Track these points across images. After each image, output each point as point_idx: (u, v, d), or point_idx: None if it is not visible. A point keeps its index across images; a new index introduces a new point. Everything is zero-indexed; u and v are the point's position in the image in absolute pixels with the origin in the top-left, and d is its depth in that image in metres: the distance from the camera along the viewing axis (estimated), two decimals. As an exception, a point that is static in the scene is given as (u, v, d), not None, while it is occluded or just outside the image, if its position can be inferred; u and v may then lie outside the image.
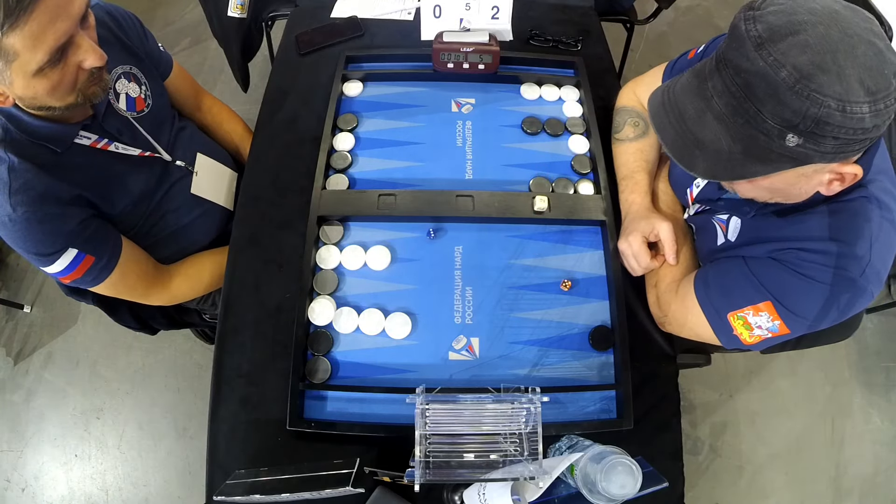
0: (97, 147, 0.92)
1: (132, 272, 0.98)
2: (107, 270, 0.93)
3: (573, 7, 1.41)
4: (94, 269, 0.91)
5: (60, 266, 0.88)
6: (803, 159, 0.61)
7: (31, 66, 0.73)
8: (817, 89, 0.55)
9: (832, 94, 0.55)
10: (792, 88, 0.56)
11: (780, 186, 0.69)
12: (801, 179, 0.66)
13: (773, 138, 0.59)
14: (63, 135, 0.87)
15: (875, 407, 1.81)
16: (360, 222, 1.03)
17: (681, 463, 0.87)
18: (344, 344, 0.93)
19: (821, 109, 0.56)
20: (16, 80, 0.75)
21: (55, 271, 0.89)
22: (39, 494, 1.63)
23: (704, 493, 1.65)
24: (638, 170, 1.02)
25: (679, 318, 0.88)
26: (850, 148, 0.59)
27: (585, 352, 0.93)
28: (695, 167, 0.66)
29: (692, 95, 0.65)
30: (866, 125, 0.57)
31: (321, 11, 1.36)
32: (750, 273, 0.78)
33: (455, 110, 1.18)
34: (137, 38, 1.04)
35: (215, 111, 1.28)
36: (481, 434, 0.71)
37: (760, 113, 0.58)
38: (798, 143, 0.58)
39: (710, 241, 0.90)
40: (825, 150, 0.59)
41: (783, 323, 0.76)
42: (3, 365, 1.82)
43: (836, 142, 0.58)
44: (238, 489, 0.76)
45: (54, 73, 0.76)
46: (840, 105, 0.55)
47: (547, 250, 1.01)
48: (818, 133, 0.57)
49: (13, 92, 0.77)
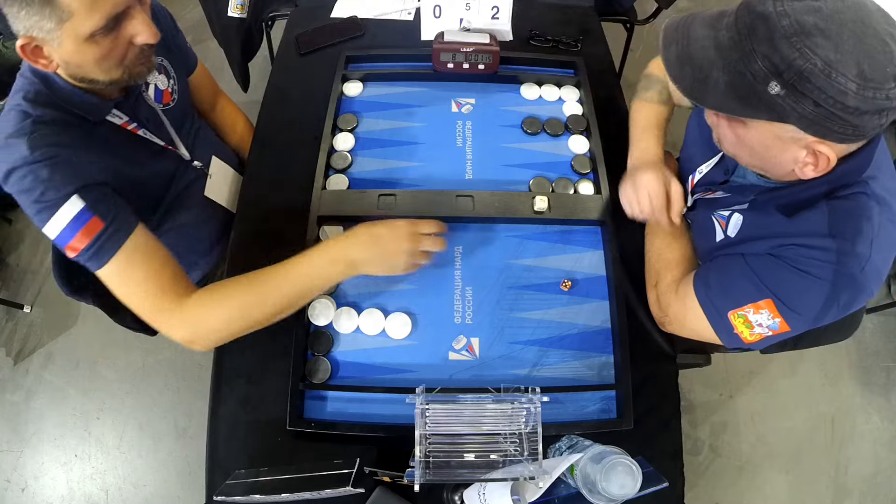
0: (127, 128, 0.92)
1: (143, 263, 0.83)
2: (113, 244, 0.80)
3: (573, 7, 1.41)
4: (99, 238, 0.79)
5: (62, 221, 0.78)
6: (780, 113, 0.63)
7: (84, 28, 0.72)
8: (811, 47, 0.58)
9: (822, 55, 0.58)
10: (788, 38, 0.59)
11: (757, 148, 0.71)
12: (777, 143, 0.68)
13: (758, 80, 0.62)
14: (98, 107, 0.86)
15: (875, 407, 1.81)
16: (359, 222, 1.02)
17: (681, 463, 0.87)
18: (344, 344, 0.93)
19: (806, 63, 0.58)
20: (66, 41, 0.74)
21: (57, 230, 0.79)
22: (39, 494, 1.63)
23: (704, 493, 1.65)
24: (658, 126, 1.02)
25: (680, 317, 0.88)
26: (830, 123, 0.61)
27: (585, 352, 0.93)
28: (681, 81, 0.68)
29: (706, 24, 0.68)
30: (848, 102, 0.59)
31: (321, 11, 1.36)
32: (750, 271, 0.79)
33: (455, 110, 1.18)
34: (170, 32, 1.05)
35: (227, 111, 1.29)
36: (481, 434, 0.71)
37: (754, 52, 0.61)
38: (778, 93, 0.61)
39: (708, 238, 0.90)
40: (803, 113, 0.61)
41: (784, 321, 0.76)
42: (3, 365, 1.82)
43: (816, 109, 0.60)
44: (238, 489, 0.76)
45: (106, 41, 0.76)
46: (826, 68, 0.58)
47: (547, 250, 1.01)
48: (799, 89, 0.60)
49: (60, 55, 0.77)
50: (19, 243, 2.07)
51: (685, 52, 0.68)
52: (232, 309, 0.83)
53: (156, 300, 0.82)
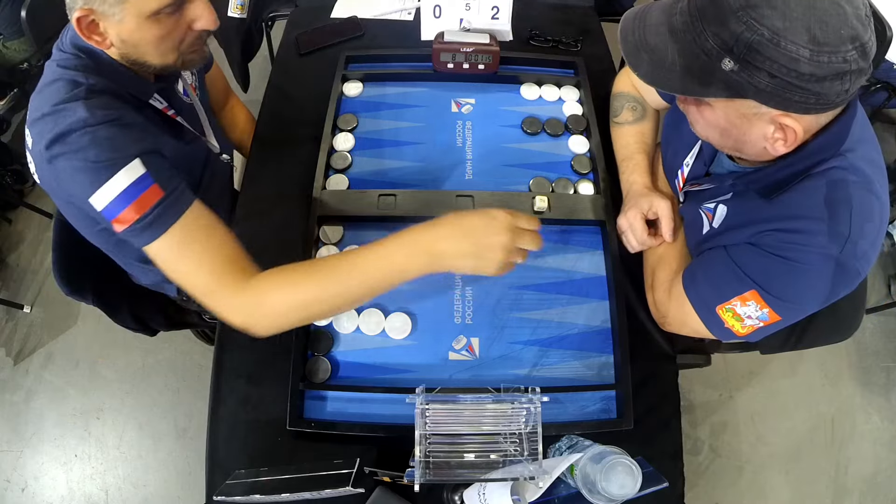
0: (167, 113, 0.92)
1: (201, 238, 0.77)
2: (172, 214, 0.75)
3: (573, 7, 1.41)
4: (157, 207, 0.73)
5: (119, 186, 0.72)
6: (738, 89, 0.63)
7: (150, 5, 0.72)
8: (757, 18, 0.59)
9: (770, 26, 0.58)
10: (735, 13, 0.60)
11: (725, 126, 0.71)
12: (742, 121, 0.68)
13: (712, 59, 0.63)
14: (146, 87, 0.86)
15: (875, 407, 1.81)
16: (359, 222, 1.03)
17: (681, 463, 0.87)
18: (344, 344, 0.93)
19: (753, 36, 0.59)
20: (128, 18, 0.73)
21: (111, 195, 0.72)
22: (39, 494, 1.63)
23: (704, 493, 1.65)
24: (638, 151, 1.03)
25: (678, 317, 0.88)
26: (789, 94, 0.61)
27: (585, 352, 0.93)
28: (639, 67, 0.69)
29: (662, 10, 0.69)
30: (802, 69, 0.59)
31: (321, 11, 1.36)
32: (732, 262, 0.78)
33: (455, 110, 1.18)
34: None
35: (236, 111, 1.31)
36: (481, 434, 0.71)
37: (705, 31, 0.62)
38: (732, 69, 0.62)
39: (696, 231, 0.90)
40: (760, 86, 0.61)
41: (772, 310, 0.76)
42: (3, 365, 1.82)
43: (772, 80, 0.60)
44: (238, 489, 0.76)
45: (168, 21, 0.75)
46: (774, 38, 0.58)
47: (547, 250, 1.01)
48: (751, 62, 0.60)
49: (118, 32, 0.75)
50: (19, 243, 2.07)
51: (642, 40, 0.69)
52: (296, 297, 0.76)
53: (213, 278, 0.76)
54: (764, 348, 1.22)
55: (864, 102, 1.92)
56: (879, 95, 1.94)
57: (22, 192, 2.19)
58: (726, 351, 1.31)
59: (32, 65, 2.05)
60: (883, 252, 2.10)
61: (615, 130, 1.09)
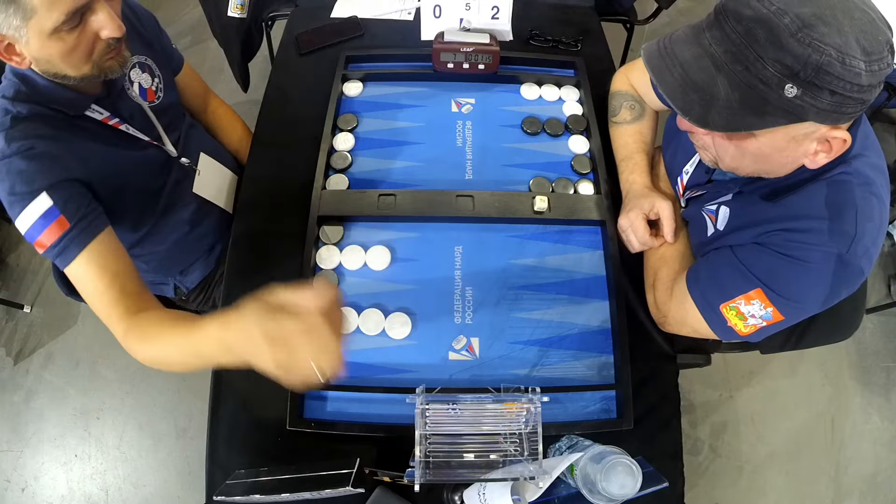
0: (108, 123, 0.93)
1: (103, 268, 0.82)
2: (77, 245, 0.81)
3: (573, 7, 1.41)
4: (64, 238, 0.80)
5: (31, 217, 0.79)
6: (799, 114, 0.61)
7: (47, 24, 0.73)
8: (819, 38, 0.57)
9: (833, 44, 0.57)
10: (794, 35, 0.57)
11: (767, 153, 0.68)
12: (791, 144, 0.66)
13: (772, 87, 0.59)
14: (75, 101, 0.87)
15: (875, 407, 1.81)
16: (360, 222, 1.03)
17: (681, 463, 0.87)
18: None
19: (822, 57, 0.57)
20: (32, 38, 0.75)
21: (26, 225, 0.80)
22: (39, 494, 1.63)
23: (704, 493, 1.65)
24: (637, 151, 1.03)
25: (679, 317, 0.88)
26: (845, 108, 0.60)
27: (585, 352, 0.93)
28: (690, 111, 0.64)
29: (689, 44, 0.65)
30: (863, 81, 0.58)
31: (321, 11, 1.36)
32: (737, 261, 0.78)
33: (455, 110, 1.18)
34: (153, 32, 1.07)
35: (220, 113, 1.29)
36: (481, 434, 0.71)
37: (761, 59, 0.59)
38: (796, 94, 0.59)
39: (700, 233, 0.90)
40: (821, 106, 0.60)
41: (776, 309, 0.76)
42: (3, 365, 1.82)
43: (832, 97, 0.59)
44: (238, 489, 0.76)
45: (70, 37, 0.76)
46: (840, 56, 0.57)
47: (547, 250, 1.01)
48: (817, 84, 0.58)
49: (29, 52, 0.78)
50: (19, 243, 2.07)
51: (686, 79, 0.63)
52: (155, 353, 0.80)
53: (110, 308, 0.82)
54: (764, 348, 1.22)
55: (865, 102, 1.91)
56: (879, 95, 1.94)
57: (22, 192, 2.18)
58: (726, 351, 1.31)
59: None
60: (883, 252, 2.11)
61: (614, 130, 1.09)
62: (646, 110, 1.07)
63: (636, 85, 1.09)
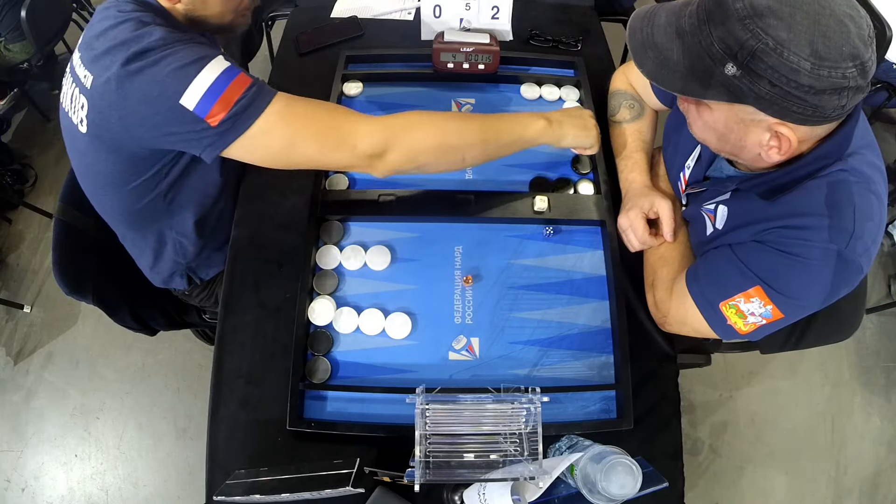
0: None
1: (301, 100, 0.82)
2: (267, 92, 0.79)
3: (573, 7, 1.41)
4: (251, 89, 0.78)
5: (210, 77, 0.76)
6: (738, 95, 0.65)
7: None
8: (763, 28, 0.60)
9: (775, 36, 0.60)
10: (741, 20, 0.61)
11: (722, 130, 0.72)
12: (739, 126, 0.69)
13: (715, 62, 0.64)
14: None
15: (875, 407, 1.81)
16: (360, 222, 1.03)
17: (681, 463, 0.87)
18: (344, 344, 0.93)
19: (757, 43, 0.60)
20: None
21: (203, 88, 0.76)
22: (39, 494, 1.64)
23: (704, 493, 1.65)
24: (636, 149, 1.04)
25: (679, 316, 0.88)
26: (787, 103, 0.62)
27: (585, 352, 0.93)
28: (644, 65, 0.71)
29: (672, 12, 0.70)
30: (802, 81, 0.60)
31: (321, 11, 1.36)
32: (737, 259, 0.79)
33: (455, 110, 1.18)
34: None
35: None
36: (481, 434, 0.71)
37: (711, 35, 0.64)
38: (735, 74, 0.63)
39: (699, 232, 0.91)
40: (760, 93, 0.63)
41: (775, 307, 0.76)
42: (3, 365, 1.82)
43: (772, 88, 0.62)
44: (238, 489, 0.76)
45: None
46: (777, 48, 0.60)
47: (547, 250, 1.01)
48: (753, 69, 0.62)
49: None
50: (19, 243, 2.07)
51: (649, 39, 0.70)
52: (432, 127, 0.85)
53: (332, 121, 0.81)
54: (764, 348, 1.22)
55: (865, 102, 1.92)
56: (879, 95, 1.95)
57: (22, 192, 2.19)
58: (726, 351, 1.31)
59: (32, 65, 2.06)
60: (883, 252, 2.11)
61: (613, 129, 1.09)
62: (645, 109, 1.08)
63: (635, 84, 1.09)
